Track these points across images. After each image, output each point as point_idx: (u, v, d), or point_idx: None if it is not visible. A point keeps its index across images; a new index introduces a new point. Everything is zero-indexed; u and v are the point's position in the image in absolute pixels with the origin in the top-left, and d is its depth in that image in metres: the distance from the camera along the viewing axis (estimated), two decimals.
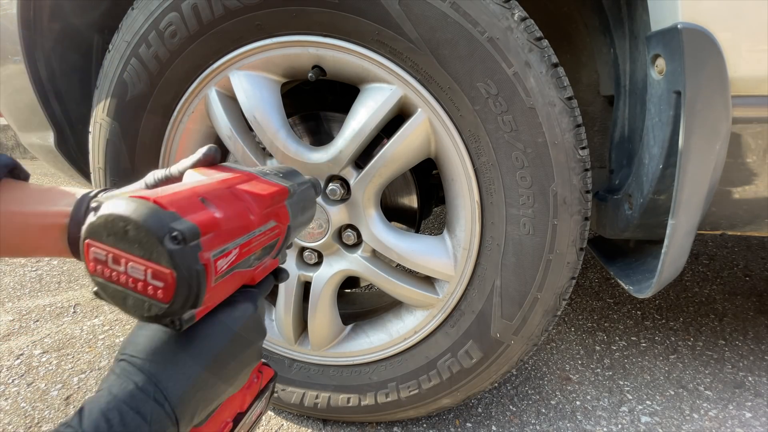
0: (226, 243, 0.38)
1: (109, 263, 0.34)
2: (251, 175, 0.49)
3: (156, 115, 0.89)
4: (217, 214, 0.38)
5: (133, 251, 0.33)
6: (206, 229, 0.36)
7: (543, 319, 0.84)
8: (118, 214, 0.33)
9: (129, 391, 0.36)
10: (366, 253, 0.92)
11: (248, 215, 0.42)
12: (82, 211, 0.49)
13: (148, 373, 0.37)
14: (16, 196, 0.50)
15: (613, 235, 0.92)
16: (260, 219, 0.43)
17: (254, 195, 0.44)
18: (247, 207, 0.42)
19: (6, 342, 1.46)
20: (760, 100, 0.67)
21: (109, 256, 0.34)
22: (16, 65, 0.98)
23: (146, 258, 0.33)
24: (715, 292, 1.61)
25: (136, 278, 0.34)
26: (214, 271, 0.36)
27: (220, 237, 0.37)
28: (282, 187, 0.49)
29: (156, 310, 0.34)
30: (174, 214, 0.34)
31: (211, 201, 0.39)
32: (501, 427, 1.05)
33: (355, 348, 0.99)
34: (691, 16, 0.63)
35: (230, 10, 0.78)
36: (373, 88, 0.81)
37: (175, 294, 0.34)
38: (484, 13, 0.70)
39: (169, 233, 0.33)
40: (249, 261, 0.42)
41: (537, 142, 0.74)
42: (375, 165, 0.83)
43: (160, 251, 0.33)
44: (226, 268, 0.38)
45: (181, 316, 0.35)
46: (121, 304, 0.35)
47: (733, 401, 1.10)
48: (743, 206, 0.78)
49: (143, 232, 0.33)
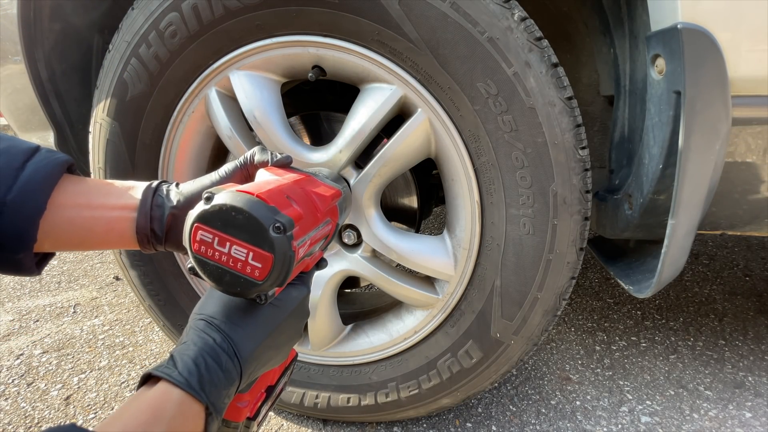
0: (305, 235, 0.45)
1: (214, 245, 0.40)
2: (311, 177, 0.57)
3: (156, 115, 0.89)
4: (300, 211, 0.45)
5: (239, 236, 0.40)
6: (296, 221, 0.43)
7: (543, 319, 0.84)
8: (232, 204, 0.40)
9: (210, 345, 0.42)
10: (366, 253, 0.92)
11: (317, 213, 0.49)
12: (149, 203, 0.52)
13: (225, 332, 0.44)
14: (81, 189, 0.51)
15: (613, 235, 0.92)
16: (323, 216, 0.51)
17: (320, 196, 0.52)
18: (316, 206, 0.50)
19: (6, 342, 1.46)
20: (760, 100, 0.67)
21: (215, 239, 0.40)
22: (16, 65, 0.98)
23: (251, 243, 0.40)
24: (715, 292, 1.61)
25: (237, 259, 0.40)
26: (297, 257, 0.43)
27: (302, 229, 0.44)
28: (337, 190, 0.58)
29: (249, 287, 0.41)
30: (275, 208, 0.41)
31: (293, 199, 0.46)
32: (501, 427, 1.05)
33: (355, 348, 0.99)
34: (691, 16, 0.63)
35: (230, 10, 0.78)
36: (373, 88, 0.81)
37: (270, 274, 0.40)
38: (484, 13, 0.70)
39: (273, 224, 0.39)
40: (313, 251, 0.51)
41: (537, 142, 0.74)
42: (375, 165, 0.83)
43: (264, 237, 0.39)
44: (302, 255, 0.45)
45: (268, 292, 0.43)
46: (217, 280, 0.42)
47: (733, 401, 1.10)
48: (743, 206, 0.78)
49: (253, 222, 0.39)
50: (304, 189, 0.50)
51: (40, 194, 0.46)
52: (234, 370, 0.43)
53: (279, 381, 0.59)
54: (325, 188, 0.55)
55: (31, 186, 0.46)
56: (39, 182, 0.46)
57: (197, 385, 0.39)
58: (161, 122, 0.89)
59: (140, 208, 0.51)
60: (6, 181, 0.45)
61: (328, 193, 0.54)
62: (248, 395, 0.52)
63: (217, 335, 0.44)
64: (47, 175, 0.47)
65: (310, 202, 0.49)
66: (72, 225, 0.49)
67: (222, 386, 0.41)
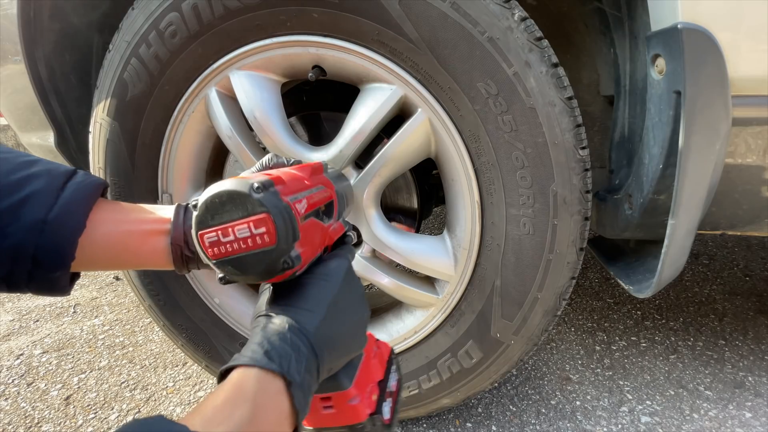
0: (295, 193, 0.46)
1: (221, 239, 0.41)
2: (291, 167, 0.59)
3: (156, 115, 0.89)
4: (279, 176, 0.46)
5: (233, 216, 0.41)
6: (276, 182, 0.43)
7: (543, 319, 0.84)
8: (211, 195, 0.41)
9: (275, 329, 0.42)
10: (366, 253, 0.92)
11: (302, 180, 0.50)
12: (181, 217, 0.53)
13: (286, 316, 0.44)
14: (117, 208, 0.53)
15: (613, 235, 0.92)
16: (312, 182, 0.52)
17: (298, 168, 0.54)
18: (297, 176, 0.51)
19: (6, 342, 1.46)
20: (760, 100, 0.67)
21: (218, 233, 0.41)
22: (16, 65, 0.98)
23: (245, 215, 0.41)
24: (715, 292, 1.61)
25: (244, 238, 0.41)
26: (297, 211, 0.43)
27: (288, 188, 0.45)
28: (315, 162, 0.59)
29: (269, 256, 0.41)
30: (248, 179, 0.42)
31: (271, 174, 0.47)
32: (501, 427, 1.05)
33: None
34: (691, 16, 0.63)
35: (230, 10, 0.78)
36: (374, 88, 0.81)
37: (277, 231, 0.41)
38: (484, 13, 0.70)
39: (251, 186, 0.41)
40: (319, 214, 0.51)
41: (537, 142, 0.74)
42: (375, 165, 0.83)
43: (251, 201, 0.40)
44: (304, 212, 0.45)
45: (290, 253, 0.42)
46: (244, 270, 0.42)
47: (733, 401, 1.10)
48: (743, 206, 0.78)
49: (234, 195, 0.41)
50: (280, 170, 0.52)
51: (80, 213, 0.48)
52: (303, 344, 0.42)
53: (388, 376, 0.57)
54: (303, 164, 0.57)
55: (72, 205, 0.47)
56: (79, 202, 0.48)
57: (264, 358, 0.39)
58: (161, 122, 0.89)
59: (174, 222, 0.52)
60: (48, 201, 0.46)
61: (305, 165, 0.56)
62: (355, 389, 0.50)
63: (275, 320, 0.44)
64: (87, 195, 0.49)
65: (288, 174, 0.50)
66: (108, 240, 0.50)
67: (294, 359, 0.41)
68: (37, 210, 0.45)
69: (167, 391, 1.20)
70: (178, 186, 0.95)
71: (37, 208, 0.45)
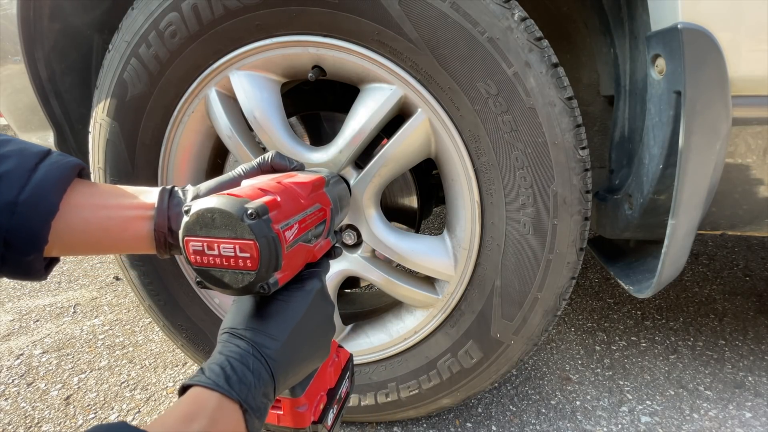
0: (288, 218, 0.46)
1: (205, 251, 0.42)
2: (292, 174, 0.58)
3: (156, 115, 0.89)
4: (276, 198, 0.46)
5: (221, 234, 0.41)
6: (271, 207, 0.43)
7: (543, 319, 0.84)
8: (205, 208, 0.41)
9: (234, 351, 0.43)
10: (366, 253, 0.92)
11: (299, 199, 0.50)
12: (166, 202, 0.52)
13: (247, 338, 0.45)
14: (95, 191, 0.51)
15: (613, 235, 0.92)
16: (308, 202, 0.52)
17: (299, 184, 0.53)
18: (296, 193, 0.51)
19: (6, 342, 1.46)
20: (760, 100, 0.67)
21: (204, 245, 0.42)
22: (16, 65, 0.98)
23: (233, 237, 0.41)
24: (715, 292, 1.61)
25: (228, 256, 0.41)
26: (284, 240, 0.44)
27: (282, 213, 0.45)
28: (318, 177, 0.59)
29: (249, 279, 0.42)
30: (245, 199, 0.42)
31: (268, 191, 0.47)
32: (501, 427, 1.05)
33: (355, 348, 0.99)
34: (691, 16, 0.63)
35: (230, 10, 0.78)
36: (373, 88, 0.81)
37: (260, 259, 0.41)
38: (484, 13, 0.70)
39: (246, 212, 0.41)
40: (308, 236, 0.51)
41: (537, 142, 0.74)
42: (375, 165, 0.83)
43: (242, 227, 0.40)
44: (292, 239, 0.46)
45: (268, 280, 0.43)
46: (221, 284, 0.43)
47: (733, 401, 1.10)
48: (743, 206, 0.78)
49: (226, 216, 0.41)
50: (280, 182, 0.51)
51: (53, 195, 0.46)
52: (263, 370, 0.43)
53: (339, 384, 0.59)
54: (306, 177, 0.56)
55: (44, 187, 0.46)
56: (52, 183, 0.46)
57: (225, 384, 0.40)
58: (161, 122, 0.89)
59: (158, 207, 0.51)
60: (19, 182, 0.45)
61: (308, 180, 0.54)
62: (305, 398, 0.52)
63: (239, 341, 0.45)
64: (60, 176, 0.47)
65: (289, 191, 0.49)
66: (87, 225, 0.49)
67: (253, 386, 0.42)
68: (6, 191, 0.44)
69: (167, 391, 1.20)
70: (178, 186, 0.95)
71: (6, 190, 0.44)
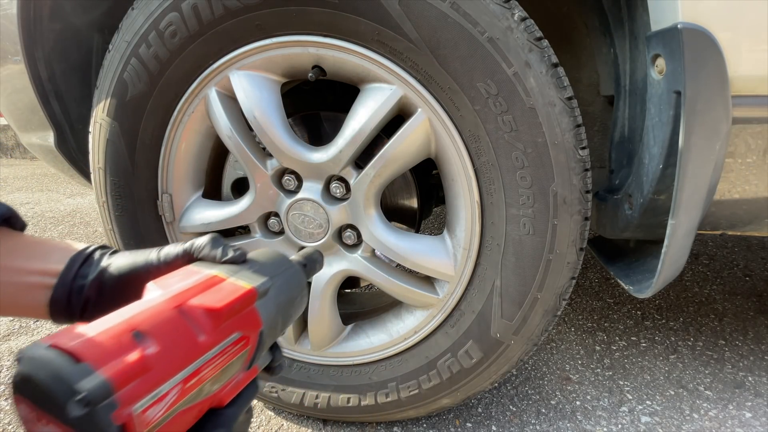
0: (160, 385, 0.33)
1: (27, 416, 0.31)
2: (215, 279, 0.43)
3: (156, 115, 0.89)
4: (150, 350, 0.33)
5: (45, 407, 0.30)
6: (127, 378, 0.31)
7: (543, 319, 0.84)
8: (27, 373, 0.30)
9: None
10: (366, 253, 0.92)
11: (196, 338, 0.36)
12: (72, 272, 0.46)
13: None
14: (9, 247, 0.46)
15: (613, 235, 0.92)
16: (215, 337, 0.38)
17: (208, 310, 0.38)
18: (197, 327, 0.37)
19: (6, 342, 1.46)
20: (760, 100, 0.67)
21: (27, 409, 0.31)
22: (16, 65, 0.98)
23: (60, 420, 0.29)
24: (715, 292, 1.61)
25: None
26: (143, 424, 0.31)
27: (150, 380, 0.32)
28: (248, 290, 0.42)
29: None
30: (85, 367, 0.30)
31: (147, 333, 0.34)
32: (501, 427, 1.05)
33: (355, 348, 0.99)
34: (691, 15, 0.63)
35: (230, 10, 0.78)
36: (373, 88, 0.81)
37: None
38: (484, 13, 0.70)
39: (73, 396, 0.28)
40: (202, 391, 0.37)
41: (537, 142, 0.74)
42: (375, 165, 0.83)
43: (64, 414, 0.29)
44: (161, 414, 0.33)
45: None
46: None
47: (733, 401, 1.10)
48: (743, 206, 0.78)
49: (49, 396, 0.29)
50: (181, 307, 0.38)
51: None
52: None
53: None
54: (226, 293, 0.41)
55: None
56: None
57: None
58: (161, 122, 0.89)
59: (62, 276, 0.45)
60: None
61: (223, 303, 0.39)
62: None
63: None
64: None
65: (185, 327, 0.36)
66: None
67: None
68: None
69: None
70: (178, 186, 0.95)
71: None
